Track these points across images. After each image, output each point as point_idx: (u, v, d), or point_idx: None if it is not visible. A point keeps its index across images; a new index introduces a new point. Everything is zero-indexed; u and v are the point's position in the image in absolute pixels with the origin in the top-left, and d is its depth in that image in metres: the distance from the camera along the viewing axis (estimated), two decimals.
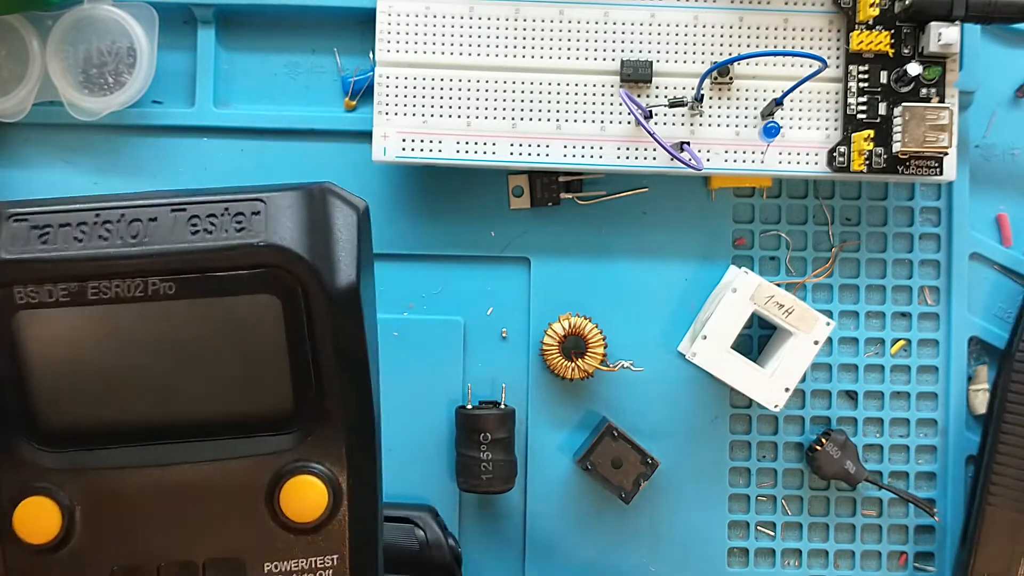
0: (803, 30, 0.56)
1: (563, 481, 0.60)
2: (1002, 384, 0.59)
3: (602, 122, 0.56)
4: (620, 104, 0.56)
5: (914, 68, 0.55)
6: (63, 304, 0.38)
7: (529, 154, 0.56)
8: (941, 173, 0.56)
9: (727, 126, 0.56)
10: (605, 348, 0.58)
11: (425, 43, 0.56)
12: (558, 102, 0.56)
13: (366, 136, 0.57)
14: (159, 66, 0.58)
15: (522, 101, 0.56)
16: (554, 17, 0.56)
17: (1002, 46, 0.61)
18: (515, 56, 0.56)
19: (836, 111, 0.56)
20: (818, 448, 0.59)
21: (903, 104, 0.54)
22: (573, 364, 0.58)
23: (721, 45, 0.56)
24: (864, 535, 0.61)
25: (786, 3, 0.56)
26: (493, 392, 0.60)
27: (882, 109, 0.56)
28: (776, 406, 0.56)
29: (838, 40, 0.56)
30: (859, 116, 0.56)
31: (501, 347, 0.60)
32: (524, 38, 0.56)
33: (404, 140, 0.56)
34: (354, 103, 0.60)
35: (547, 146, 0.56)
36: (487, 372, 0.60)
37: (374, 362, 0.42)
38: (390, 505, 0.57)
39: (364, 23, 0.59)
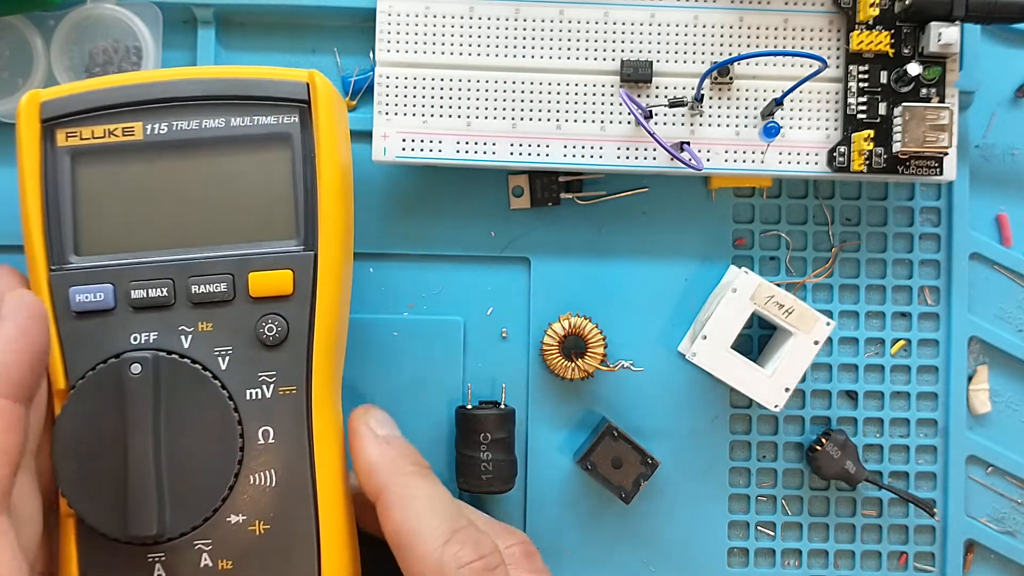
0: (803, 30, 0.56)
1: (563, 481, 0.60)
2: None
3: (602, 122, 0.56)
4: (620, 104, 0.56)
5: (914, 68, 0.55)
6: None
7: (529, 154, 0.56)
8: (941, 173, 0.56)
9: (727, 126, 0.56)
10: (605, 348, 0.58)
11: (425, 43, 0.56)
12: (558, 102, 0.56)
13: (366, 136, 0.57)
14: (161, 66, 0.58)
15: (522, 101, 0.56)
16: (554, 17, 0.56)
17: (1002, 46, 0.61)
18: (515, 56, 0.56)
19: (836, 111, 0.56)
20: (818, 448, 0.59)
21: (903, 104, 0.54)
22: (573, 364, 0.58)
23: (721, 45, 0.56)
24: (864, 535, 0.61)
25: (786, 3, 0.56)
26: (493, 392, 0.60)
27: (882, 109, 0.56)
28: (776, 406, 0.56)
29: (838, 40, 0.56)
30: (859, 116, 0.56)
31: (501, 347, 0.60)
32: (524, 38, 0.56)
33: (404, 140, 0.56)
34: (354, 103, 0.60)
35: (547, 146, 0.56)
36: (487, 372, 0.60)
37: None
38: None
39: (364, 23, 0.59)
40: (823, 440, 0.59)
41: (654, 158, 0.56)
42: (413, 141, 0.56)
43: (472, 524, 0.48)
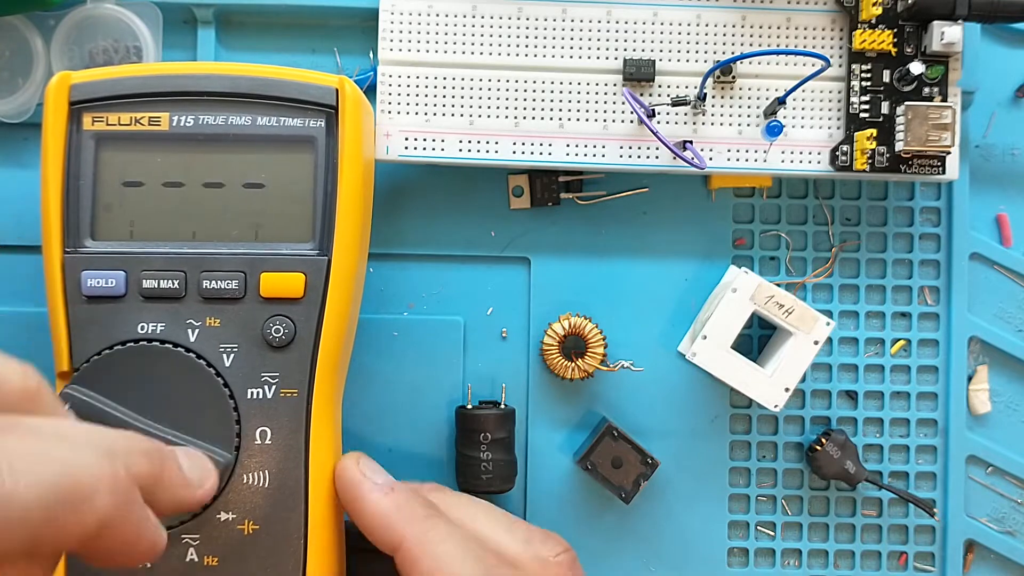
0: (806, 29, 0.56)
1: (563, 481, 0.60)
2: None
3: (605, 121, 0.56)
4: (623, 103, 0.56)
5: (917, 67, 0.55)
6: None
7: (531, 153, 0.56)
8: (944, 172, 0.56)
9: (730, 125, 0.56)
10: (605, 348, 0.58)
11: (428, 42, 0.56)
12: (561, 101, 0.56)
13: None
14: None
15: (525, 100, 0.56)
16: (557, 16, 0.56)
17: (1002, 46, 0.61)
18: (518, 55, 0.56)
19: (839, 110, 0.56)
20: (818, 448, 0.59)
21: (906, 103, 0.54)
22: (573, 364, 0.58)
23: (724, 44, 0.56)
24: (864, 535, 0.61)
25: (789, 2, 0.56)
26: (493, 392, 0.60)
27: (885, 108, 0.56)
28: (776, 406, 0.56)
29: (841, 39, 0.56)
30: (862, 115, 0.56)
31: (501, 347, 0.60)
32: (527, 37, 0.56)
33: (407, 139, 0.56)
34: None
35: (550, 145, 0.56)
36: (487, 372, 0.60)
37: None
38: None
39: (364, 23, 0.59)
40: (823, 440, 0.59)
41: (656, 157, 0.56)
42: (416, 140, 0.56)
43: (502, 562, 0.48)
